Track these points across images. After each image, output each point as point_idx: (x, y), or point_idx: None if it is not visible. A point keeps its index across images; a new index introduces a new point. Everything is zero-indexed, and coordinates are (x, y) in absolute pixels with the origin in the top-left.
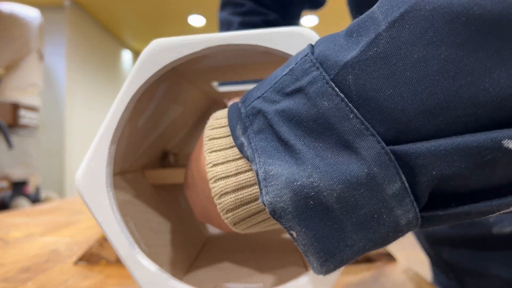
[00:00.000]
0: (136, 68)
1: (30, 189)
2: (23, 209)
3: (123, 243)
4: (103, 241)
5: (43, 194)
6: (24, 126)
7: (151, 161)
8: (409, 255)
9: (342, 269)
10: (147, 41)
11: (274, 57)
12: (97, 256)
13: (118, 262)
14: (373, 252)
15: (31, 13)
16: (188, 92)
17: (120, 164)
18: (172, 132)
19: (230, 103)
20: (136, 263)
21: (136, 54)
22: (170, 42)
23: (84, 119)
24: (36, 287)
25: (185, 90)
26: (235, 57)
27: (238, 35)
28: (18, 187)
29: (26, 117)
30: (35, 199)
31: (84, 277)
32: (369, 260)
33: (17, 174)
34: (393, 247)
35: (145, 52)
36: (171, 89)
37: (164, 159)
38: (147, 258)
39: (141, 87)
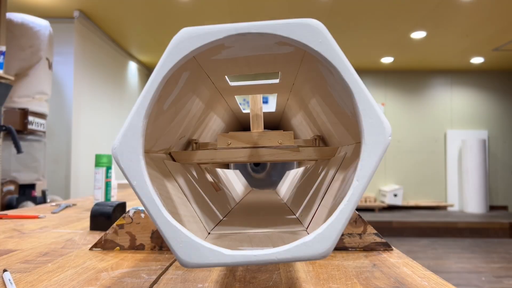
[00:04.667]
0: (167, 52)
1: (37, 193)
2: (34, 207)
3: (153, 203)
4: (118, 229)
5: (49, 198)
6: (32, 132)
7: (172, 146)
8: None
9: (343, 228)
10: (152, 52)
11: (285, 49)
12: (112, 242)
13: (131, 248)
14: (371, 242)
15: (41, 23)
16: (203, 83)
17: (146, 143)
18: (187, 119)
19: None
20: (164, 220)
21: (141, 65)
22: (197, 30)
23: (90, 126)
24: (56, 267)
25: (201, 81)
26: (250, 49)
27: (256, 25)
28: (25, 191)
29: (34, 123)
30: (41, 203)
31: (101, 260)
32: (367, 249)
33: (24, 178)
34: (389, 240)
35: (176, 38)
36: (190, 79)
37: (187, 147)
38: (173, 218)
39: (170, 69)
